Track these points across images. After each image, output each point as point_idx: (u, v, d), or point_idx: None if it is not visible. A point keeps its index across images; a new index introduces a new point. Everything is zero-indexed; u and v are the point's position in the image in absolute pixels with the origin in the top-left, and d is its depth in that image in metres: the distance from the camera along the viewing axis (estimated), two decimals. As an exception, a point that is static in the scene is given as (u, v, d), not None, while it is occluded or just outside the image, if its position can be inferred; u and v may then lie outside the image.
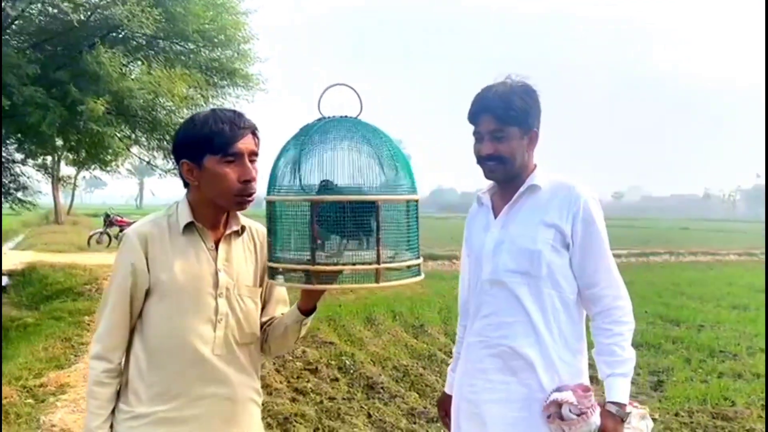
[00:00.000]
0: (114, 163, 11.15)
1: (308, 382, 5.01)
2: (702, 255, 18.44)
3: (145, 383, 1.57)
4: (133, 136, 10.10)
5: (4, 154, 9.58)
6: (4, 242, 15.79)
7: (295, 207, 1.42)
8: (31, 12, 8.28)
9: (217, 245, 1.63)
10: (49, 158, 12.17)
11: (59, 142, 9.71)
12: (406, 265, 1.44)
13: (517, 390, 1.75)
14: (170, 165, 10.29)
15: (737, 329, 7.46)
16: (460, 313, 2.03)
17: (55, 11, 7.83)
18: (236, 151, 1.54)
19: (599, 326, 1.77)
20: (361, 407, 4.47)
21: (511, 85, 1.77)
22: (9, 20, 7.97)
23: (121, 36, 8.69)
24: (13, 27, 8.35)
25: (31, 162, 10.90)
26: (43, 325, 7.21)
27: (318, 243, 1.38)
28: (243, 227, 1.68)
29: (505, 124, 1.74)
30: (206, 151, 1.53)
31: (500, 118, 1.74)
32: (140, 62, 8.86)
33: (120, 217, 18.13)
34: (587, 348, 1.82)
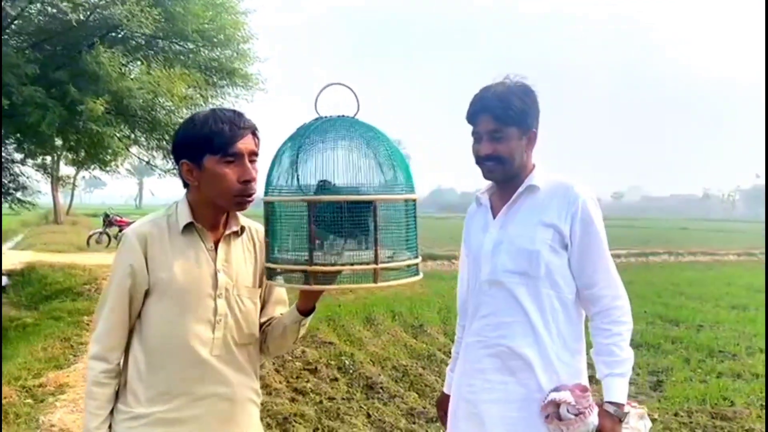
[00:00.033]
0: (113, 163, 11.13)
1: (308, 382, 5.01)
2: (701, 255, 18.43)
3: (144, 384, 1.57)
4: (133, 136, 10.08)
5: (3, 154, 9.57)
6: (3, 242, 15.78)
7: (293, 207, 1.42)
8: (30, 12, 8.27)
9: (216, 246, 1.62)
10: (49, 158, 12.13)
11: (59, 141, 9.70)
12: (405, 265, 1.44)
13: (516, 390, 1.76)
14: (170, 165, 10.28)
15: (736, 329, 7.46)
16: (458, 313, 2.03)
17: (55, 11, 7.81)
18: (236, 151, 1.53)
19: (598, 326, 1.77)
20: (361, 407, 4.47)
21: (510, 85, 1.77)
22: (8, 20, 7.96)
23: (120, 36, 8.69)
24: (13, 27, 8.34)
25: (30, 162, 10.89)
26: (43, 325, 7.21)
27: (316, 243, 1.37)
28: (243, 227, 1.68)
29: (503, 125, 1.74)
30: (206, 151, 1.53)
31: (499, 119, 1.74)
32: (139, 62, 8.84)
33: (119, 217, 18.15)
34: (586, 348, 1.83)
